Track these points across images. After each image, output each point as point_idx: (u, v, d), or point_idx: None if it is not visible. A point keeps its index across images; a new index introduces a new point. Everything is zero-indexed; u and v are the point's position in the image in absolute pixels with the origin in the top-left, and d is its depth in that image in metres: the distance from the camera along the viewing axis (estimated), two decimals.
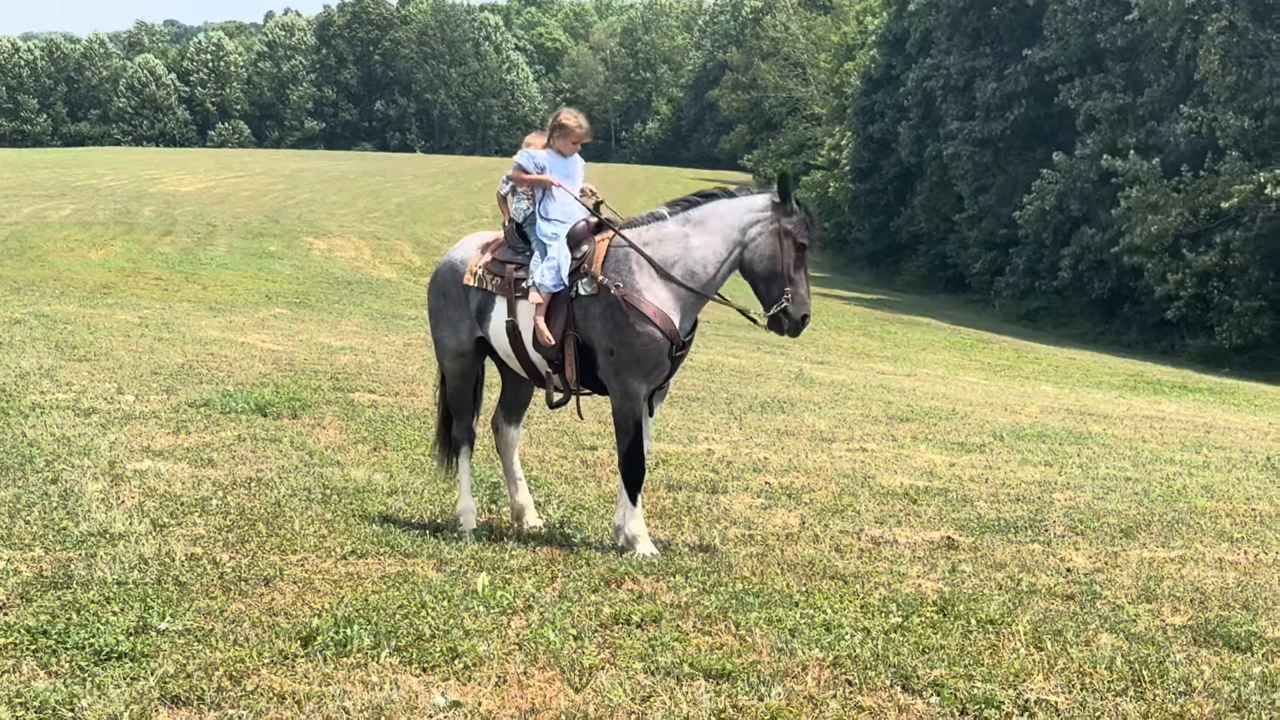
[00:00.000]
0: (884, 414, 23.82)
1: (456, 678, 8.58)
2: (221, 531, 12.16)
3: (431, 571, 11.05)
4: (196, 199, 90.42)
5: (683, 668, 8.81)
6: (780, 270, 11.92)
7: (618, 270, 12.09)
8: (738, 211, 12.10)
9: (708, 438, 19.44)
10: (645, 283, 12.04)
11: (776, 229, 11.89)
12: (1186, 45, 65.29)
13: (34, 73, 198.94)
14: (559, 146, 12.65)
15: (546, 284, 12.16)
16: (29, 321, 31.50)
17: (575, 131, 12.65)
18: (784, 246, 11.86)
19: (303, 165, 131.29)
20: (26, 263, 54.95)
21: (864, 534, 13.36)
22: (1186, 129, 63.35)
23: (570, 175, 12.67)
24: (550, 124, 12.82)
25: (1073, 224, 69.98)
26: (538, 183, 12.52)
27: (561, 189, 12.50)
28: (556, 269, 12.17)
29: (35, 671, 8.40)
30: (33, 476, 14.26)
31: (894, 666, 8.98)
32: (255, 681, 8.34)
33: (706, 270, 12.11)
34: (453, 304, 13.07)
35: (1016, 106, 76.52)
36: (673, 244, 12.15)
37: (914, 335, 56.17)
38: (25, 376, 21.82)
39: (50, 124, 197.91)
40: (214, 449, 16.35)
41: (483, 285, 12.75)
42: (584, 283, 12.12)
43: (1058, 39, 72.04)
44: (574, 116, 12.72)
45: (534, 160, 12.61)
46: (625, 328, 11.93)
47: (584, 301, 12.13)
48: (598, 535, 12.63)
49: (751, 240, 11.99)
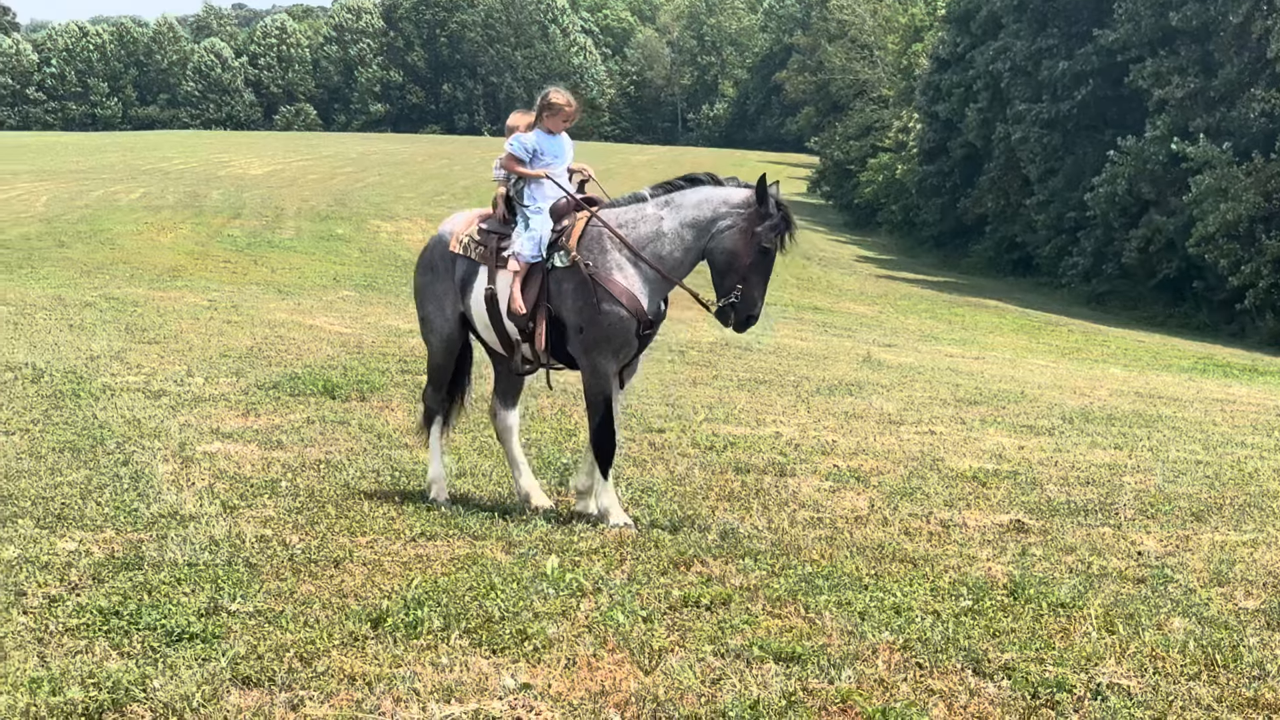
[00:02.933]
0: (952, 397, 23.72)
1: (526, 660, 8.58)
2: (291, 513, 12.22)
3: (500, 554, 11.05)
4: (264, 182, 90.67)
5: (752, 650, 8.79)
6: (736, 267, 12.11)
7: (592, 248, 12.34)
8: (714, 202, 12.23)
9: (775, 420, 19.39)
10: (616, 262, 12.29)
11: (745, 227, 12.02)
12: (1260, 25, 64.62)
13: (104, 57, 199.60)
14: (548, 125, 12.75)
15: (525, 254, 12.43)
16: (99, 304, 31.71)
17: (564, 110, 12.78)
18: (747, 246, 12.02)
19: (370, 148, 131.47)
20: (96, 246, 55.24)
21: (933, 517, 13.30)
22: (1260, 111, 62.78)
23: (559, 154, 12.80)
24: (540, 103, 12.86)
25: (1142, 207, 69.45)
26: (530, 176, 12.65)
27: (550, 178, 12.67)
28: (536, 240, 12.44)
29: (108, 652, 8.45)
30: (104, 458, 14.36)
31: (965, 650, 8.94)
32: (326, 663, 8.36)
33: (674, 255, 12.31)
34: (439, 279, 13.28)
35: (1085, 87, 75.89)
36: (648, 225, 12.35)
37: (981, 318, 55.94)
38: (96, 359, 21.96)
39: (120, 108, 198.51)
40: (283, 431, 16.42)
41: (468, 253, 13.00)
42: (560, 255, 12.36)
43: (1128, 19, 71.42)
44: (563, 95, 12.85)
45: (524, 146, 12.69)
46: (594, 306, 12.18)
47: (558, 275, 12.38)
48: (667, 518, 12.59)
49: (718, 232, 12.15)
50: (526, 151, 12.65)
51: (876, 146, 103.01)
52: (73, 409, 17.59)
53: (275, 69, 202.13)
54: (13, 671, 8.07)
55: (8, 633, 8.73)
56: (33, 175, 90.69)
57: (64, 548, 10.72)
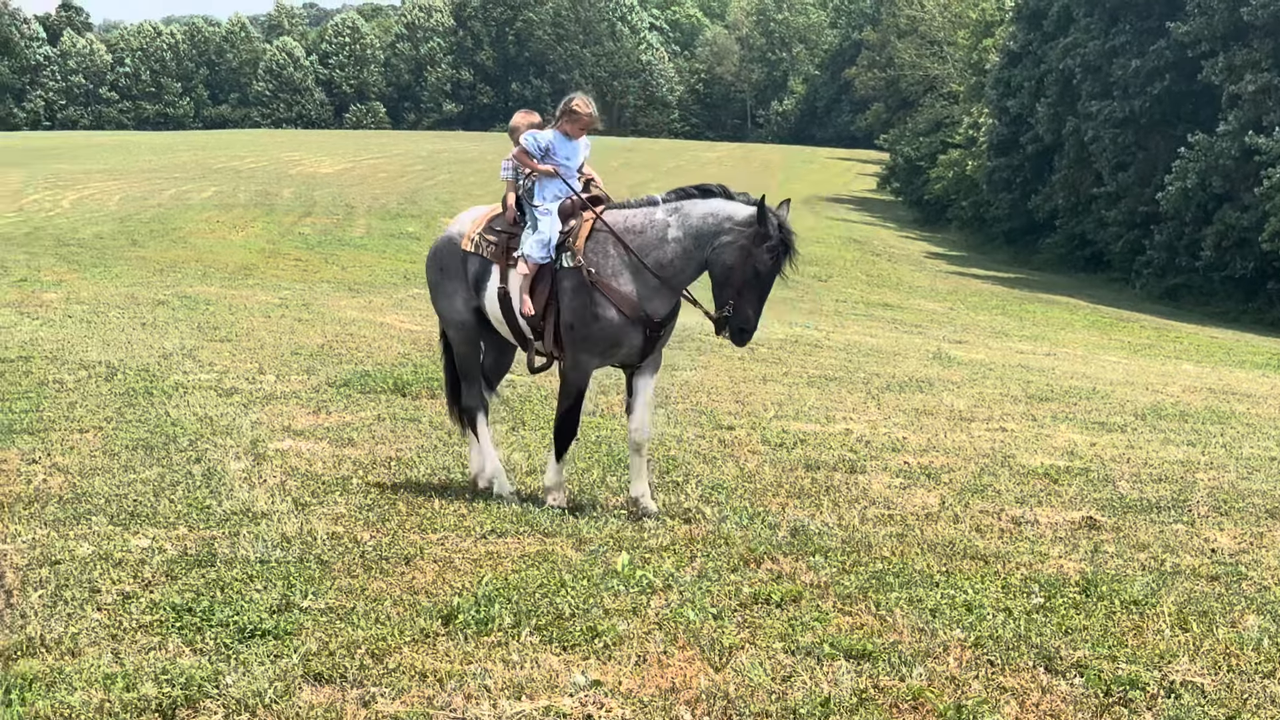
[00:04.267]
0: (1023, 393, 23.61)
1: (596, 656, 8.59)
2: (362, 510, 12.26)
3: (571, 550, 11.06)
4: (335, 180, 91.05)
5: (823, 648, 8.77)
6: (732, 282, 12.23)
7: (596, 250, 12.57)
8: (719, 216, 12.35)
9: (846, 417, 19.35)
10: (617, 267, 12.50)
11: (744, 245, 12.13)
12: None
13: (176, 56, 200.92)
14: (566, 129, 12.93)
15: (534, 256, 12.64)
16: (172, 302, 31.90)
17: (584, 119, 12.99)
18: (743, 263, 12.13)
19: (440, 146, 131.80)
20: (169, 244, 55.58)
21: (1004, 514, 13.25)
22: None
23: (572, 156, 12.98)
24: (562, 107, 13.04)
25: (1215, 202, 69.00)
26: (541, 172, 12.85)
27: (560, 178, 12.88)
28: (545, 243, 12.65)
29: (180, 648, 8.50)
30: (177, 456, 14.45)
31: (1037, 647, 8.90)
32: (397, 659, 8.38)
33: (675, 263, 12.46)
34: (449, 277, 13.54)
35: (1158, 82, 75.46)
36: (655, 231, 12.51)
37: (1052, 314, 55.69)
38: (168, 357, 22.09)
39: (192, 107, 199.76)
40: (354, 429, 16.48)
41: (479, 251, 13.24)
42: (567, 256, 12.60)
43: (1201, 12, 70.97)
44: (586, 104, 13.04)
45: (537, 142, 12.88)
46: (587, 308, 12.44)
47: (563, 273, 12.63)
48: (737, 514, 12.57)
49: (719, 246, 12.26)
50: (539, 149, 12.85)
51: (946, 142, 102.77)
52: (145, 407, 17.70)
53: (347, 68, 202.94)
54: (87, 667, 8.12)
55: (82, 629, 8.79)
56: (106, 174, 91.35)
57: (137, 545, 10.77)
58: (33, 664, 8.19)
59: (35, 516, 11.80)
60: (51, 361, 21.49)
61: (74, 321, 27.61)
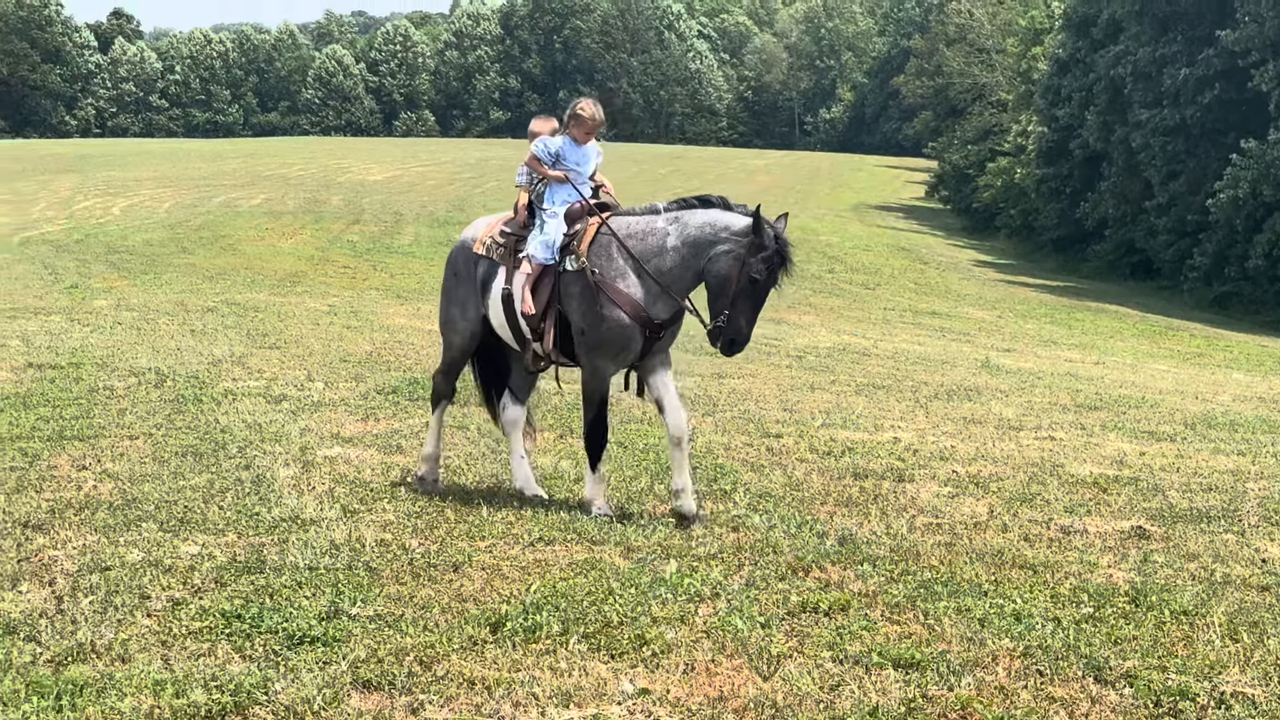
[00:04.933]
0: (1072, 402, 23.52)
1: (644, 665, 8.59)
2: (410, 518, 12.29)
3: (619, 559, 11.06)
4: (384, 188, 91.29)
5: (871, 657, 8.75)
6: (726, 292, 12.37)
7: (600, 255, 12.73)
8: (716, 226, 12.50)
9: (894, 425, 19.31)
10: (620, 271, 12.65)
11: (739, 255, 12.29)
12: None
13: (225, 64, 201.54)
14: (574, 134, 13.16)
15: (538, 256, 12.90)
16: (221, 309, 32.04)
17: (588, 122, 13.16)
18: (738, 273, 12.28)
19: (488, 154, 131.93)
20: (218, 251, 55.83)
21: (1053, 523, 13.18)
22: None
23: (583, 161, 13.20)
24: (569, 113, 13.29)
25: (1265, 210, 68.66)
26: (552, 178, 13.09)
27: (570, 182, 13.12)
28: (549, 244, 12.90)
29: (230, 655, 8.54)
30: (226, 462, 14.51)
31: (1086, 657, 8.86)
32: (445, 667, 8.40)
33: (674, 270, 12.60)
34: (463, 282, 13.81)
35: (1208, 90, 75.12)
36: (655, 239, 12.67)
37: (1101, 322, 55.48)
38: (218, 364, 22.19)
39: (241, 114, 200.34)
40: (402, 436, 16.52)
41: (489, 254, 13.49)
42: (570, 259, 12.78)
43: (1252, 20, 70.65)
44: (589, 107, 13.24)
45: (548, 149, 13.14)
46: (596, 311, 12.60)
47: (567, 278, 12.80)
48: (785, 523, 12.55)
49: (715, 255, 12.41)
50: (550, 155, 13.12)
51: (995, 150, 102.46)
52: (195, 414, 17.78)
53: (398, 75, 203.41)
54: (137, 674, 8.15)
55: (132, 635, 8.83)
56: (156, 182, 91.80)
57: (187, 551, 10.83)
58: (83, 670, 8.24)
59: (86, 522, 11.86)
60: (102, 368, 21.61)
61: (124, 328, 27.75)
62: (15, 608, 9.40)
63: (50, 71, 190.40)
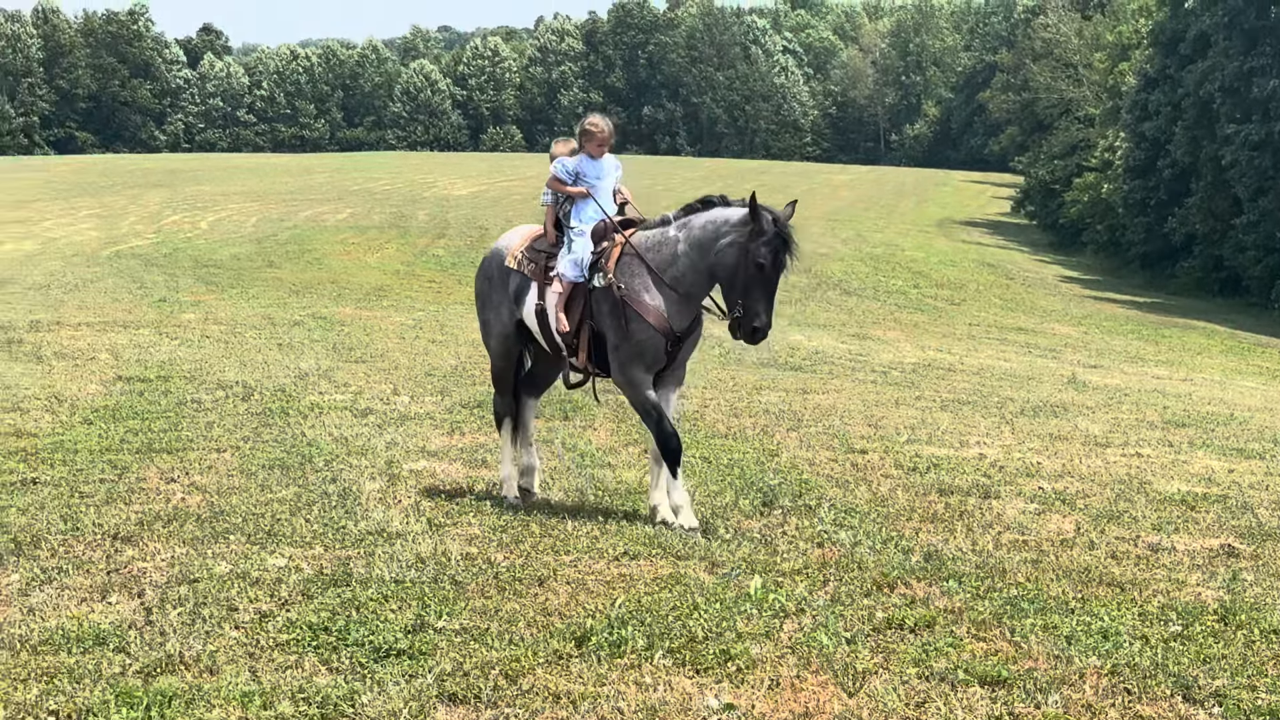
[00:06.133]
0: (1160, 419, 23.34)
1: (730, 680, 8.57)
2: (496, 531, 12.32)
3: (704, 574, 11.04)
4: (469, 202, 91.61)
5: (957, 674, 8.70)
6: (735, 282, 12.63)
7: (624, 271, 13.06)
8: (717, 222, 12.81)
9: (979, 442, 19.22)
10: (644, 284, 12.97)
11: (742, 244, 12.53)
12: None
13: (311, 79, 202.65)
14: (589, 150, 13.54)
15: (568, 275, 13.23)
16: (307, 323, 32.23)
17: (598, 135, 13.51)
18: (744, 261, 12.52)
19: None
20: (305, 265, 56.15)
21: (1141, 540, 13.09)
22: None
23: (601, 176, 13.54)
24: (579, 129, 13.67)
25: None
26: (575, 194, 13.45)
27: (591, 198, 13.45)
28: (578, 262, 13.21)
29: (317, 668, 8.57)
30: (312, 475, 14.59)
31: (1174, 676, 8.78)
32: (531, 681, 8.40)
33: (688, 276, 12.91)
34: (496, 289, 14.15)
35: None
36: (668, 249, 13.01)
37: (1189, 339, 55.10)
38: (304, 377, 22.32)
39: (327, 129, 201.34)
40: (487, 450, 16.56)
41: (520, 268, 13.86)
42: (599, 276, 13.10)
43: None
44: (598, 122, 13.63)
45: (566, 168, 13.52)
46: (626, 325, 12.92)
47: (598, 294, 13.13)
48: (870, 539, 12.51)
49: (719, 249, 12.70)
50: (569, 174, 13.49)
51: (1082, 166, 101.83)
52: (282, 427, 17.88)
53: (486, 91, 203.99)
54: (225, 685, 8.20)
55: (220, 647, 8.89)
56: (243, 196, 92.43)
57: (274, 564, 10.89)
58: (171, 681, 8.29)
59: (174, 535, 11.95)
60: (189, 381, 21.78)
61: (211, 342, 27.96)
62: (105, 619, 9.48)
63: (140, 87, 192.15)
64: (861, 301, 58.13)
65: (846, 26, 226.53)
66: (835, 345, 36.83)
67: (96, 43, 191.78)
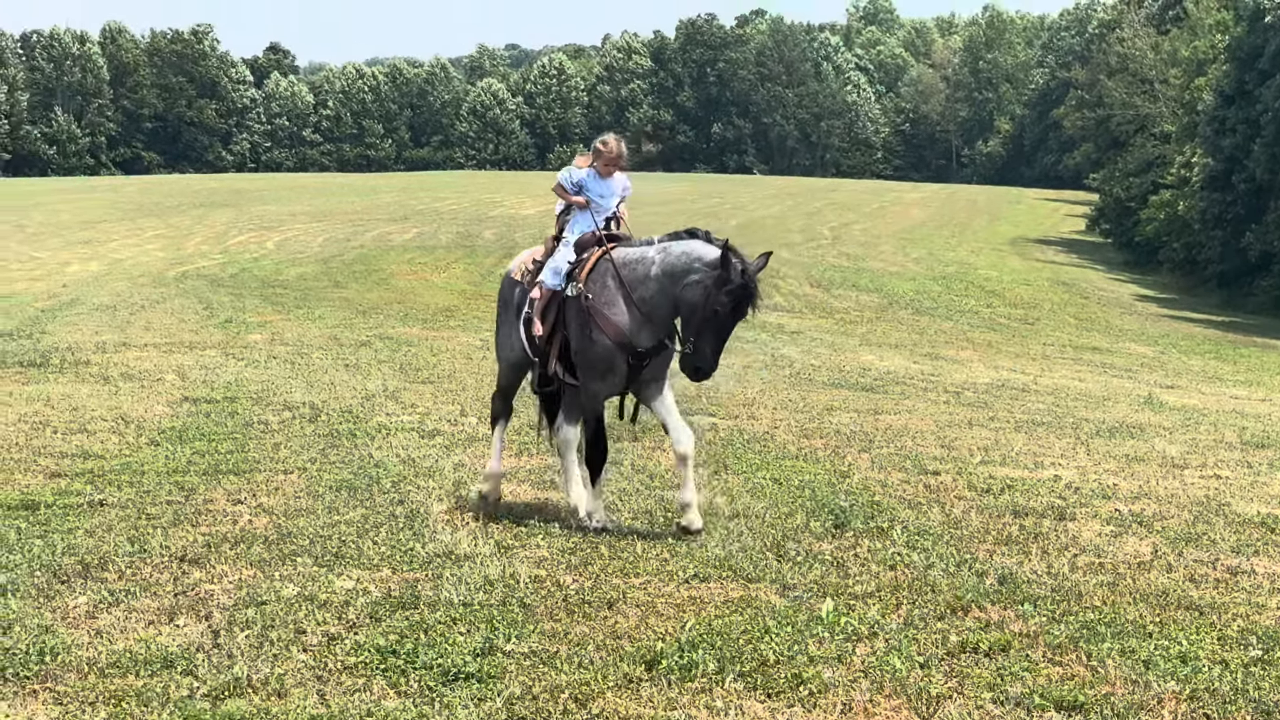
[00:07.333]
0: (1238, 440, 23.07)
1: (801, 704, 8.48)
2: (564, 554, 12.28)
3: (774, 596, 10.96)
4: (536, 221, 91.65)
5: (1033, 698, 8.60)
6: (693, 320, 12.98)
7: (596, 281, 13.47)
8: (691, 256, 13.05)
9: (1054, 463, 19.04)
10: (611, 298, 13.34)
11: (707, 285, 12.81)
12: None
13: (378, 98, 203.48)
14: (598, 167, 13.98)
15: (547, 282, 13.79)
16: (374, 344, 32.30)
17: (605, 154, 13.93)
18: (704, 303, 12.83)
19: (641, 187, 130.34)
20: (371, 285, 56.31)
21: (1220, 563, 12.91)
22: None
23: (605, 194, 14.01)
24: (593, 147, 14.19)
25: None
26: (573, 202, 14.01)
27: (589, 211, 13.94)
28: (557, 270, 13.74)
29: (385, 690, 8.52)
30: (380, 497, 14.56)
31: (1255, 701, 8.64)
32: (600, 705, 8.34)
33: (654, 298, 13.21)
34: (507, 309, 14.65)
35: None
36: (642, 269, 13.31)
37: (1268, 359, 54.56)
38: (371, 398, 22.32)
39: (394, 149, 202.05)
40: (555, 471, 16.46)
41: (523, 280, 14.34)
42: (572, 285, 13.56)
43: None
44: (609, 141, 14.09)
45: (571, 177, 14.03)
46: (585, 335, 13.37)
47: (569, 302, 13.58)
48: (943, 561, 12.38)
49: (686, 284, 12.98)
50: (572, 184, 13.99)
51: (1158, 183, 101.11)
52: (349, 448, 17.88)
53: (553, 109, 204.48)
54: (293, 709, 8.17)
55: (288, 670, 8.85)
56: (309, 216, 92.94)
57: (342, 586, 10.87)
58: (240, 704, 8.26)
59: (241, 557, 11.94)
60: (256, 402, 21.81)
61: (278, 362, 28.03)
62: (173, 641, 9.46)
63: (206, 106, 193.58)
64: (934, 321, 57.91)
65: (918, 42, 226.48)
66: (907, 365, 36.70)
67: (163, 62, 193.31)
